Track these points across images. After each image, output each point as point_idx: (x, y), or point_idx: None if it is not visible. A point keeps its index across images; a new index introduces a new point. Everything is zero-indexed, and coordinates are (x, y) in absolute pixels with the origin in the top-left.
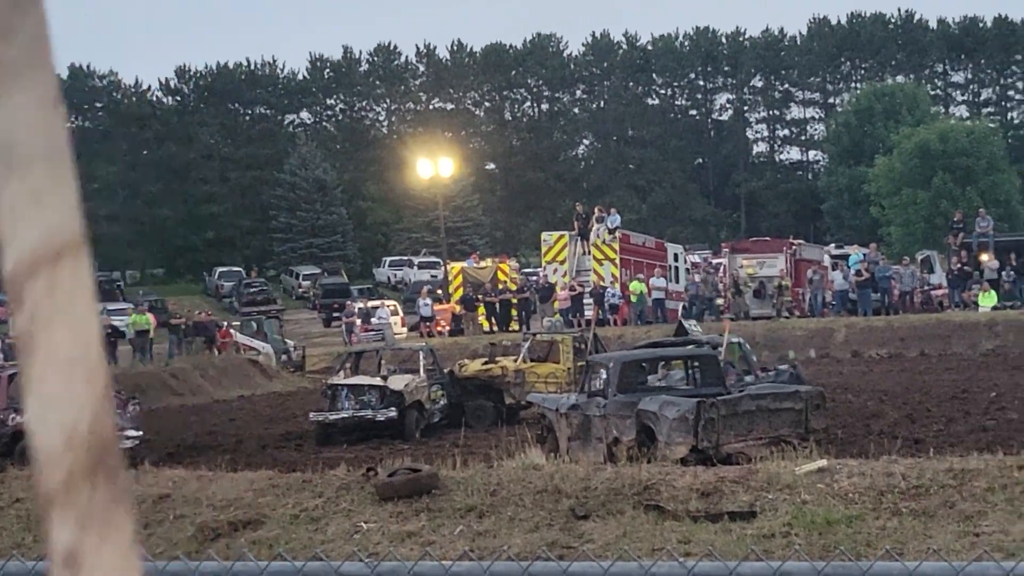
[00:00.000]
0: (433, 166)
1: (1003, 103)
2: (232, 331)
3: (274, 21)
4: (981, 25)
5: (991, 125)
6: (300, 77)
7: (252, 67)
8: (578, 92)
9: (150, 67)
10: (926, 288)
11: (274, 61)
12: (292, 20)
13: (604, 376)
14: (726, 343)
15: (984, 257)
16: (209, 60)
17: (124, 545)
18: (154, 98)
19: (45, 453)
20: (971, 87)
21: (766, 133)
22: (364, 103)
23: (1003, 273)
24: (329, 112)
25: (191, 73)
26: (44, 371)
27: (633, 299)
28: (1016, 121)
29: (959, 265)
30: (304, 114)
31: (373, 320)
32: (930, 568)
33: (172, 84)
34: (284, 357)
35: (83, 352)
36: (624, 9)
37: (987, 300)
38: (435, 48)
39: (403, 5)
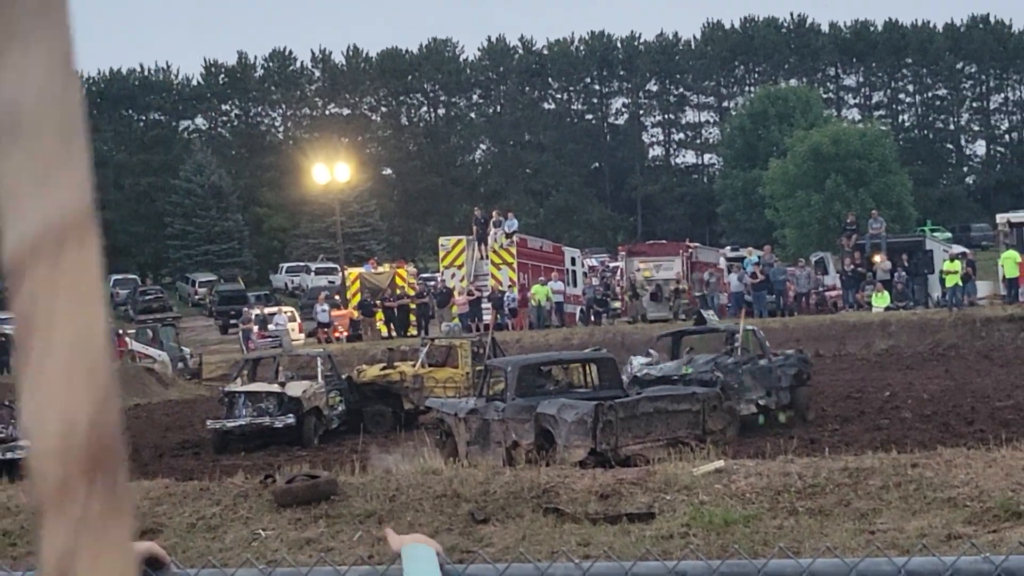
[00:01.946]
0: (330, 171)
1: (894, 106)
2: (127, 339)
3: (168, 27)
4: (872, 29)
5: (883, 128)
6: (194, 83)
7: (146, 73)
8: (474, 97)
9: None
10: (820, 289)
11: (168, 67)
12: (186, 26)
13: (503, 380)
14: (742, 330)
15: (877, 258)
16: (102, 66)
17: (122, 555)
18: None
19: (40, 451)
20: (863, 90)
21: (661, 137)
22: (260, 109)
23: (896, 274)
24: (224, 118)
25: (84, 79)
26: (43, 361)
27: (534, 303)
28: (907, 124)
29: (852, 266)
30: (199, 120)
31: (270, 326)
32: (823, 565)
33: None
34: (180, 365)
35: (86, 342)
36: (519, 14)
37: (880, 301)
38: (331, 53)
39: (298, 11)
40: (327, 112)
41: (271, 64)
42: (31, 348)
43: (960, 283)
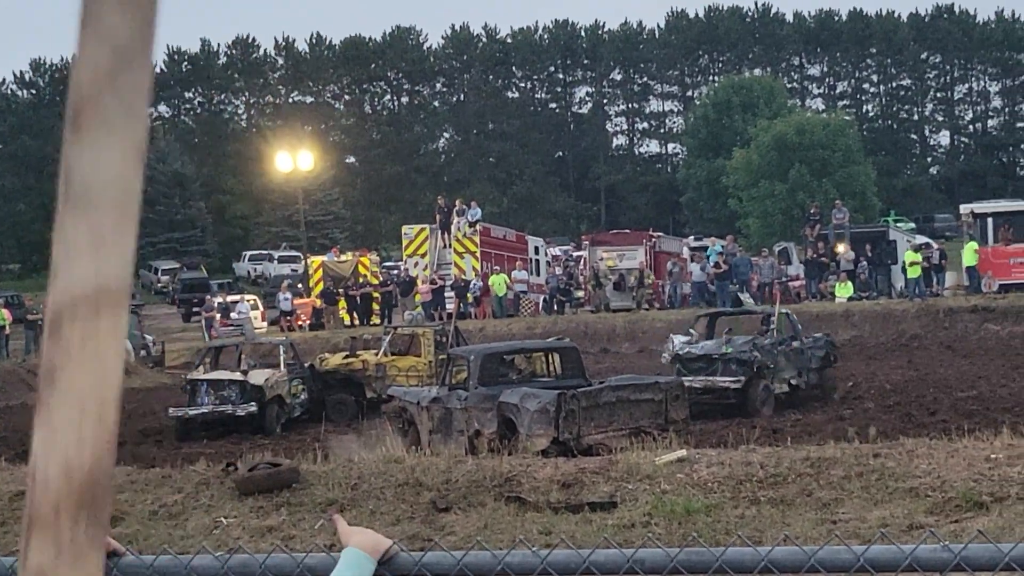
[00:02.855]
0: (293, 160)
1: (858, 96)
2: None
3: None
4: (836, 19)
5: (846, 118)
6: (157, 70)
7: None
8: (438, 85)
9: (4, 61)
10: (784, 279)
11: None
12: None
13: (465, 369)
14: (777, 313)
15: (840, 248)
16: (64, 53)
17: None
18: (9, 92)
19: (42, 479)
20: (827, 80)
21: (625, 126)
22: (223, 96)
23: (859, 264)
24: (187, 105)
25: (46, 66)
26: (60, 404)
27: (496, 292)
28: (871, 114)
29: (816, 256)
30: (162, 107)
31: (233, 315)
32: (782, 553)
33: (27, 77)
34: (143, 352)
35: (101, 397)
36: (483, 3)
37: (843, 291)
38: (294, 41)
39: None
40: (290, 100)
41: (234, 52)
42: (51, 393)
43: (921, 274)
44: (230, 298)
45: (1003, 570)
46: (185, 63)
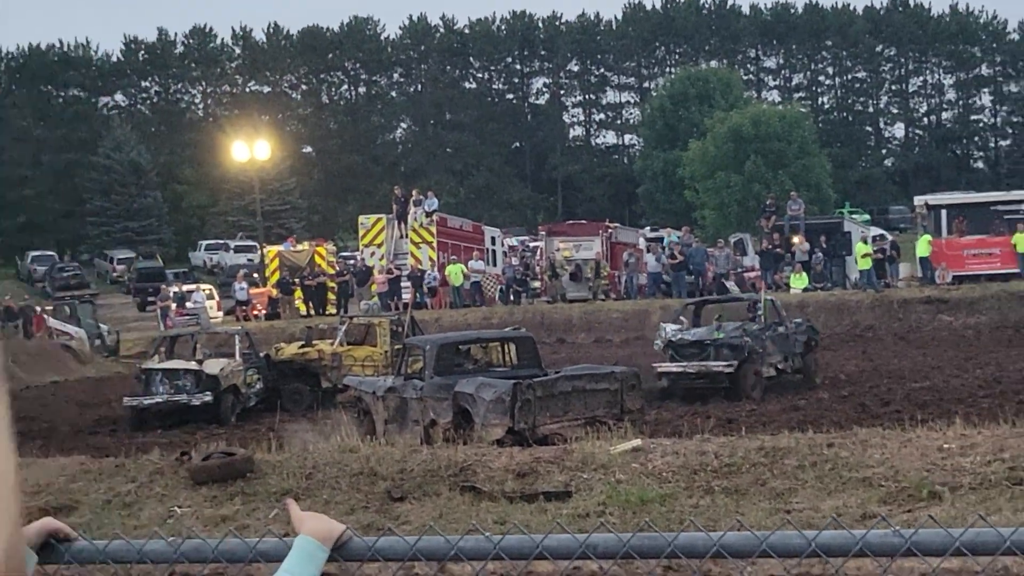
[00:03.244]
0: (249, 149)
1: (814, 88)
2: (45, 316)
3: (87, 2)
4: (792, 12)
5: (802, 110)
6: (114, 59)
7: (65, 48)
8: (395, 75)
9: None
10: (739, 270)
11: (88, 43)
12: (106, 1)
13: (421, 359)
14: (763, 299)
15: (796, 239)
16: (21, 41)
17: None
18: None
19: None
20: (783, 72)
21: (582, 117)
22: (180, 85)
23: (814, 255)
24: (144, 95)
25: (2, 55)
26: None
27: (453, 282)
28: (827, 106)
29: (771, 247)
30: (119, 96)
31: (188, 304)
32: (734, 538)
33: None
34: (98, 342)
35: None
36: None
37: (798, 282)
38: (251, 30)
39: None
40: (247, 89)
41: (191, 41)
42: None
43: (874, 265)
44: (186, 287)
45: (954, 555)
46: (142, 52)
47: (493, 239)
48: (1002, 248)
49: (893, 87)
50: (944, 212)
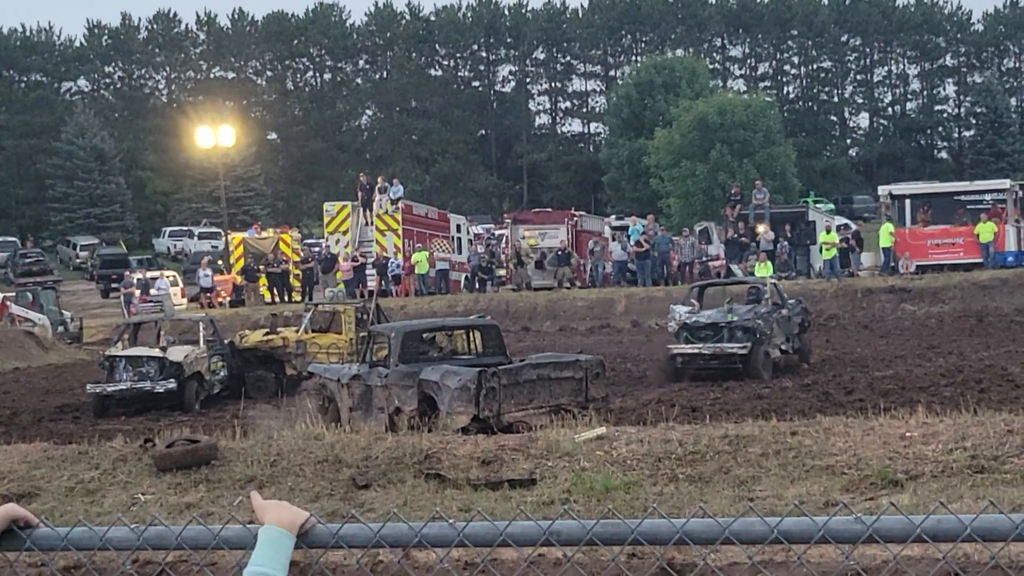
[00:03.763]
0: (214, 135)
1: (779, 77)
2: (7, 302)
3: None
4: (758, 1)
5: (768, 99)
6: (77, 44)
7: (27, 33)
8: (361, 62)
9: None
10: (704, 259)
11: (50, 27)
12: None
13: (386, 346)
14: (769, 282)
15: (760, 228)
16: None
17: None
18: None
19: None
20: (748, 61)
21: (548, 105)
22: (143, 71)
23: (779, 244)
24: (107, 80)
25: None
26: None
27: (418, 270)
28: (792, 95)
29: (736, 236)
30: (81, 82)
31: (152, 291)
32: (697, 525)
33: None
34: (61, 328)
35: None
36: None
37: (763, 270)
38: (216, 16)
39: None
40: (211, 75)
41: (155, 26)
42: None
43: (837, 255)
44: (149, 274)
45: (915, 542)
46: (105, 37)
47: (458, 227)
48: (965, 238)
49: (858, 77)
50: (908, 202)
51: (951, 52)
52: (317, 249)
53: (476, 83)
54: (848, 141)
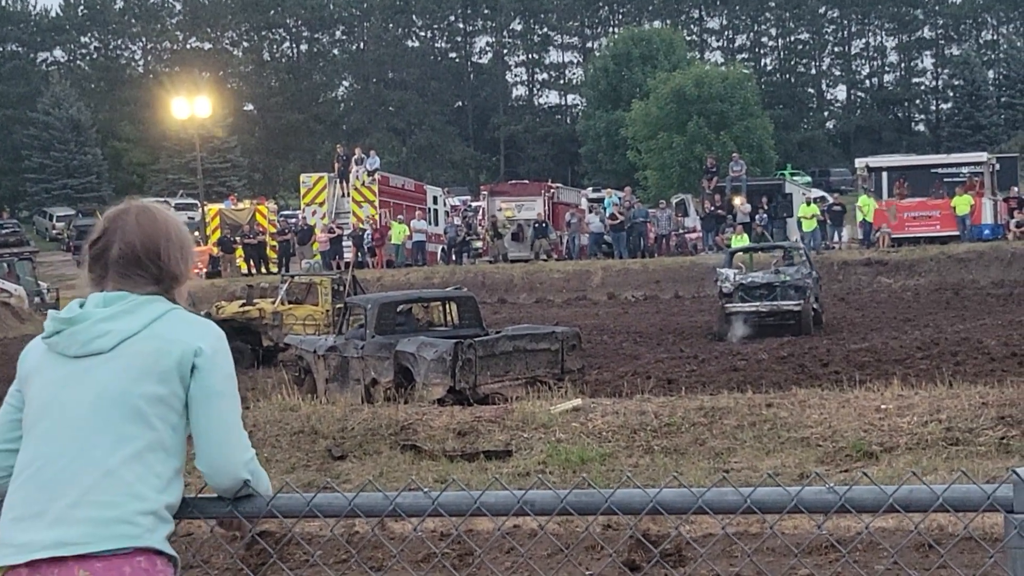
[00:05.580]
0: (190, 106)
1: (756, 49)
2: None
3: None
4: None
5: (745, 71)
6: (53, 14)
7: (3, 3)
8: (338, 33)
9: None
10: (681, 231)
11: None
12: None
13: (362, 318)
14: (802, 247)
15: (737, 201)
16: None
17: None
18: None
19: None
20: (726, 33)
21: (525, 77)
22: (119, 41)
23: (755, 216)
24: (83, 50)
25: None
26: None
27: (394, 241)
28: (769, 67)
29: (713, 208)
30: (57, 52)
31: None
32: (671, 494)
33: None
34: (37, 299)
35: None
36: None
37: (739, 243)
38: None
39: None
40: (188, 46)
41: None
42: None
43: (817, 227)
44: None
45: (888, 512)
46: (81, 7)
47: (435, 199)
48: (942, 211)
49: (836, 49)
50: (885, 175)
51: (929, 24)
52: (294, 220)
53: (453, 54)
54: (825, 113)
